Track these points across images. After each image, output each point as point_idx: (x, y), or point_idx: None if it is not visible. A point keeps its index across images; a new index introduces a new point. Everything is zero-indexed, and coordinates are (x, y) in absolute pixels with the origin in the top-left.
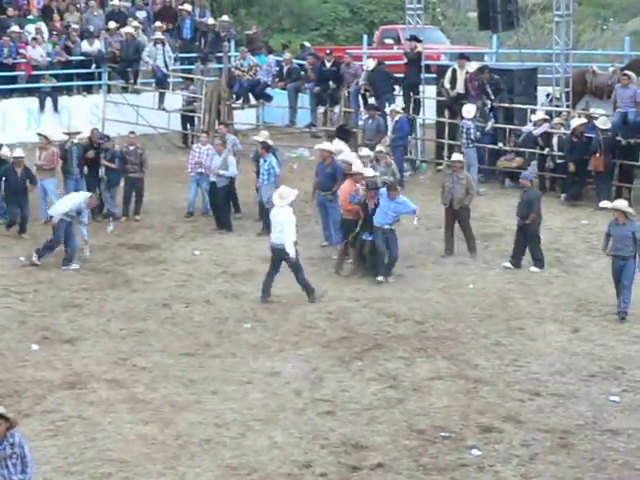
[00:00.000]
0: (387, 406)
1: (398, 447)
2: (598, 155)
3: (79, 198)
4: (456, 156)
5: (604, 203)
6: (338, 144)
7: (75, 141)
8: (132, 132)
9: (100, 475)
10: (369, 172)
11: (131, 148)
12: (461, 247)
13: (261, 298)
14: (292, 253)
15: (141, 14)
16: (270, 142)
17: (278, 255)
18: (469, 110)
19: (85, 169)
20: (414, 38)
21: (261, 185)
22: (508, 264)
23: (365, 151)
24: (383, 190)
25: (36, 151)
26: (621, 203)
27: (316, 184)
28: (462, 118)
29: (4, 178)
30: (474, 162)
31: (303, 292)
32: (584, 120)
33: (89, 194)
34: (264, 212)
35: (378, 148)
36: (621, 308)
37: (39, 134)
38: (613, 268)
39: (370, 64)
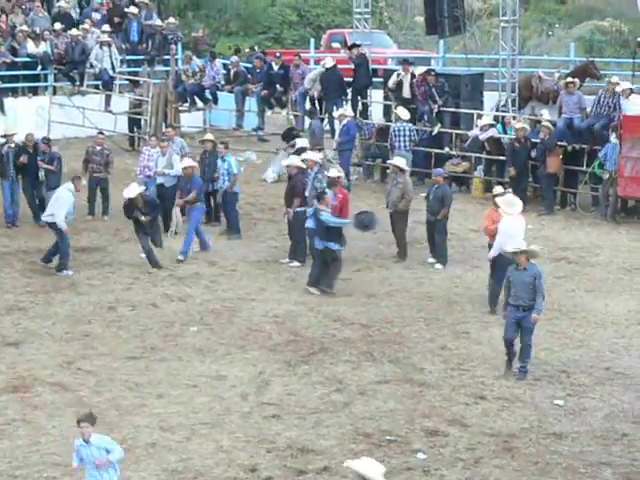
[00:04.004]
0: (333, 410)
1: (344, 451)
2: (560, 156)
3: (68, 195)
4: (397, 160)
5: (510, 248)
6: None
7: (12, 145)
8: (100, 132)
9: (44, 479)
10: (333, 172)
11: (97, 148)
12: (412, 251)
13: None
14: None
15: (96, 16)
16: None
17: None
18: (406, 113)
19: (18, 173)
20: (354, 45)
21: (221, 187)
22: (432, 259)
23: (309, 154)
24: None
25: None
26: (522, 243)
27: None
28: (396, 121)
29: None
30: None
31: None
32: (524, 125)
33: (71, 186)
34: (226, 213)
35: (329, 154)
36: (523, 368)
37: None
38: (508, 320)
39: (328, 62)
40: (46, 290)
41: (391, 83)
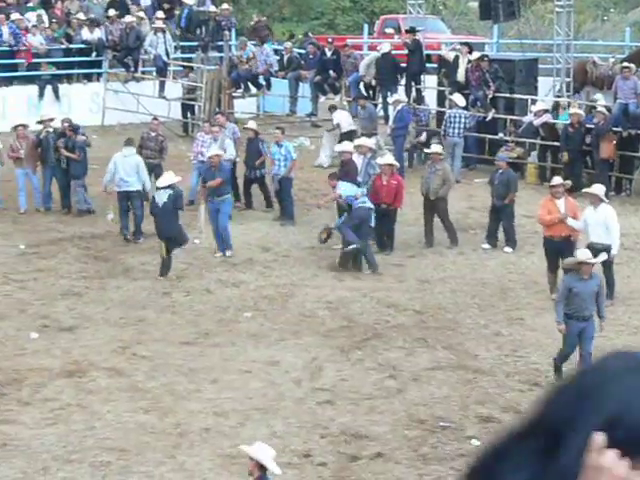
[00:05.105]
0: (387, 396)
1: (397, 437)
2: (614, 142)
3: (136, 159)
4: (435, 147)
5: (567, 261)
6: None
7: (50, 130)
8: (155, 118)
9: (99, 463)
10: (389, 159)
11: (152, 134)
12: (466, 237)
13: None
14: (615, 251)
15: (145, 2)
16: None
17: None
18: (461, 99)
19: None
20: (412, 30)
21: (277, 173)
22: (486, 245)
23: (363, 140)
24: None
25: (11, 140)
26: (586, 254)
27: (206, 190)
28: (450, 107)
29: None
30: (461, 152)
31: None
32: (578, 111)
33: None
34: (280, 200)
35: (380, 141)
36: None
37: (20, 125)
38: (571, 332)
39: (385, 47)
40: (100, 275)
41: (445, 51)
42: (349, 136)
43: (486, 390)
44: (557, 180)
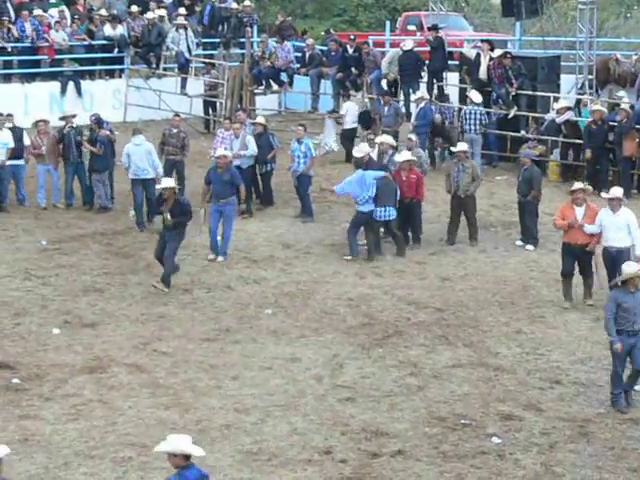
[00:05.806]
0: (407, 393)
1: (418, 434)
2: (637, 139)
3: (147, 146)
4: (461, 145)
5: (615, 282)
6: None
7: (73, 126)
8: (177, 115)
9: (121, 459)
10: (405, 155)
11: (174, 131)
12: (487, 235)
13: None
14: (639, 252)
15: None
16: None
17: (617, 258)
18: (478, 96)
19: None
20: (435, 27)
21: (296, 170)
22: (520, 242)
23: (384, 137)
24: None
25: (32, 137)
26: (634, 267)
27: (211, 192)
28: (468, 104)
29: None
30: (479, 149)
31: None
32: (600, 108)
33: (143, 137)
34: (301, 197)
35: (408, 137)
36: (631, 396)
37: (42, 120)
38: (621, 351)
39: (407, 44)
40: (122, 272)
41: (466, 49)
42: (350, 134)
43: (507, 388)
44: (577, 185)
